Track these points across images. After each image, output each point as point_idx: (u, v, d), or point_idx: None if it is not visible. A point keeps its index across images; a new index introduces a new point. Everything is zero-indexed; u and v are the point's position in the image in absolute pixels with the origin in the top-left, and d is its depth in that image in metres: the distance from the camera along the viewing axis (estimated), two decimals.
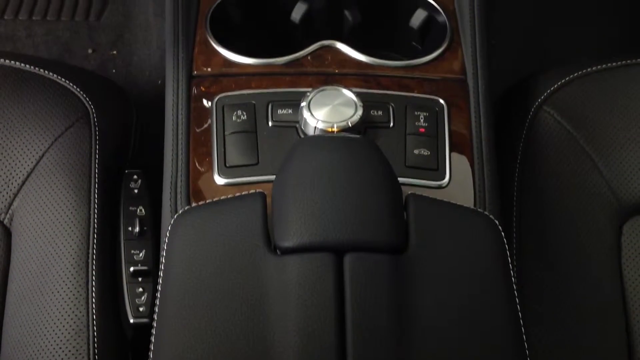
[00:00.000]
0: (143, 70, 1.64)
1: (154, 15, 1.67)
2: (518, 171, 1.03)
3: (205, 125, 0.94)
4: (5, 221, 0.99)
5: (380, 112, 0.92)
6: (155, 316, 0.76)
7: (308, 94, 0.90)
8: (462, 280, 0.73)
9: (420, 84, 0.97)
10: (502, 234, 0.79)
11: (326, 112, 0.88)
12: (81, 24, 1.69)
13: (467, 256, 0.75)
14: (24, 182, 1.00)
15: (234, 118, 0.92)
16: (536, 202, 1.01)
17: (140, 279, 0.96)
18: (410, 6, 1.05)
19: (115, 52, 1.66)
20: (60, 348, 0.89)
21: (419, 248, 0.75)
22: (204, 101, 0.96)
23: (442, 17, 1.03)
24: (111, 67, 1.63)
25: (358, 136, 0.84)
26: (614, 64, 1.09)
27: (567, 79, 1.07)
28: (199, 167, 0.92)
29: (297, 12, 1.05)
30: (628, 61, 1.08)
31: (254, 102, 0.94)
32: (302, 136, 0.90)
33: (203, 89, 0.97)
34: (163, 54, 1.55)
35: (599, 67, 1.08)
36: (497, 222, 0.80)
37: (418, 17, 1.05)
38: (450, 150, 0.92)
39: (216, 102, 0.94)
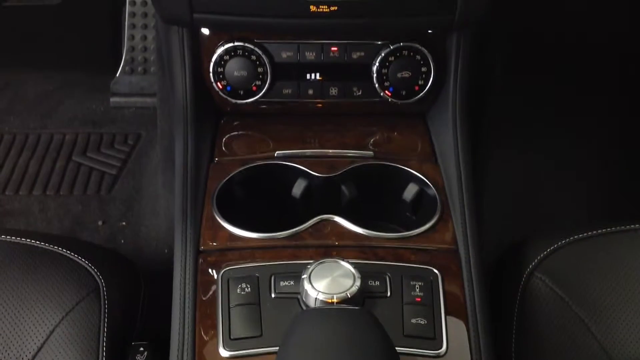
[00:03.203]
0: (150, 240, 1.70)
1: (162, 187, 1.75)
2: (514, 336, 1.06)
3: (211, 297, 0.98)
4: None
5: (377, 283, 0.96)
6: None
7: (308, 266, 0.94)
8: None
9: (415, 253, 1.02)
10: None
11: (326, 284, 0.91)
12: (92, 197, 1.77)
13: None
14: (33, 358, 1.02)
15: (238, 291, 0.96)
16: None
17: None
18: (403, 181, 1.13)
19: (124, 223, 1.72)
20: None
21: None
22: (210, 273, 1.01)
23: (432, 191, 1.10)
24: (120, 237, 1.69)
25: (357, 308, 0.88)
26: (600, 230, 1.14)
27: (556, 245, 1.12)
28: (204, 339, 0.95)
29: (298, 188, 1.12)
30: (613, 228, 1.14)
31: (257, 274, 0.98)
32: (304, 307, 0.93)
33: (210, 262, 1.02)
34: (170, 224, 1.62)
35: (586, 234, 1.14)
36: None
37: (410, 191, 1.12)
38: (447, 317, 0.95)
39: (222, 276, 0.99)
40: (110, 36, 2.01)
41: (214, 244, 1.04)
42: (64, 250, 1.14)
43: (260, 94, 1.17)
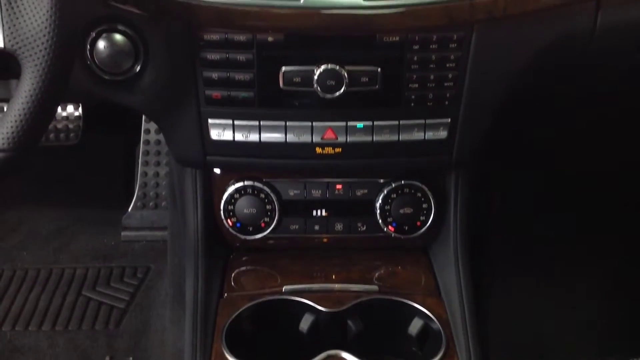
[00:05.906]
0: None
1: (170, 322, 1.75)
2: None
3: None
4: None
5: None
6: None
7: None
8: None
9: None
10: None
11: None
12: (101, 332, 1.77)
13: None
14: None
15: None
16: None
17: None
18: (408, 315, 1.15)
19: (131, 358, 1.72)
20: None
21: None
22: None
23: (437, 326, 1.12)
24: None
25: None
26: None
27: None
28: None
29: (305, 324, 1.14)
30: None
31: None
32: None
33: None
34: (177, 359, 1.62)
35: None
36: None
37: (415, 326, 1.14)
38: None
39: None
40: (124, 173, 2.08)
41: None
42: None
43: (269, 230, 1.22)
